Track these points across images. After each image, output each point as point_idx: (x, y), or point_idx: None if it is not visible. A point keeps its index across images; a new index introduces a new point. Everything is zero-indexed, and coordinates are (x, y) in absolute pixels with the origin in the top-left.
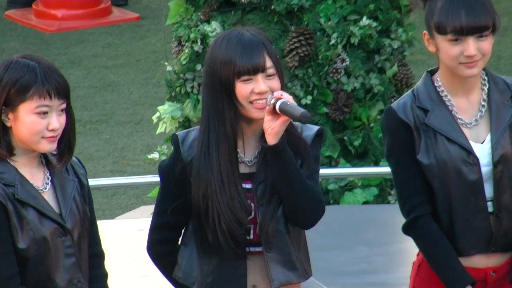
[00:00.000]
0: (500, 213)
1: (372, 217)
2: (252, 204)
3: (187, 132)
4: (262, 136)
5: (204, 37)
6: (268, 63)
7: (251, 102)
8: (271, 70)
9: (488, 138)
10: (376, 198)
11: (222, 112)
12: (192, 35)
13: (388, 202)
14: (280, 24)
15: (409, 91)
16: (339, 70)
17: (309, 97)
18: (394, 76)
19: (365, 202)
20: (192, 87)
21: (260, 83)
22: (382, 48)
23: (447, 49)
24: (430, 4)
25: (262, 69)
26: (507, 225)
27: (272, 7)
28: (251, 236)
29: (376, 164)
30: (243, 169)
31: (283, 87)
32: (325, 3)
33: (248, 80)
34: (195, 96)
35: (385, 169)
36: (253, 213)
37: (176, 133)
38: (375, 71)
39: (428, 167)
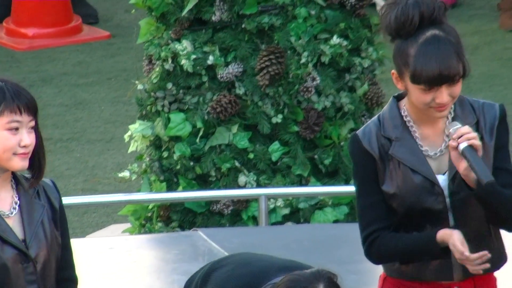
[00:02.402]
0: (467, 241)
1: (342, 236)
2: None
3: None
4: None
5: (175, 56)
6: None
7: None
8: None
9: None
10: (346, 217)
11: None
12: (163, 54)
13: None
14: (251, 42)
15: (375, 117)
16: (310, 89)
17: (280, 116)
18: (364, 95)
19: (336, 221)
20: (163, 106)
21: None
22: (353, 66)
23: (418, 96)
24: (401, 46)
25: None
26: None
27: (243, 26)
28: None
29: (347, 182)
30: None
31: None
32: (296, 21)
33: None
34: (166, 115)
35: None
36: None
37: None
38: (346, 90)
39: (393, 197)
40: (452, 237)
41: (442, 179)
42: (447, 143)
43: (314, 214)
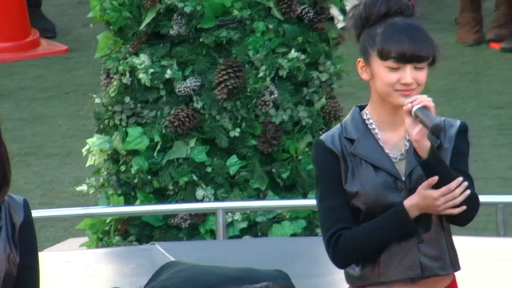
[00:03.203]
0: (421, 241)
1: (300, 249)
2: None
3: None
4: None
5: (133, 70)
6: None
7: None
8: None
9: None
10: (304, 230)
11: None
12: (121, 68)
13: (316, 234)
14: (208, 56)
15: (338, 124)
16: (268, 103)
17: (238, 130)
18: (322, 109)
19: (293, 234)
20: (121, 120)
21: None
22: (311, 80)
23: (384, 75)
24: (369, 31)
25: None
26: (423, 255)
27: (201, 40)
28: None
29: (304, 196)
30: None
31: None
32: (254, 35)
33: None
34: (124, 129)
35: (313, 202)
36: None
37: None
38: (304, 104)
39: (356, 195)
40: (421, 186)
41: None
42: (407, 147)
43: (272, 227)
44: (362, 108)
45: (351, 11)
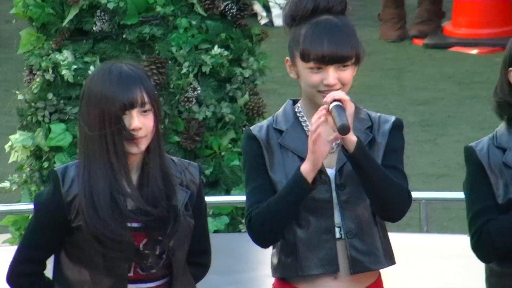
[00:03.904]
0: (351, 236)
1: (223, 246)
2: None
3: (65, 167)
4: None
5: (56, 66)
6: (145, 98)
7: None
8: (147, 106)
9: None
10: (227, 227)
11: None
12: (43, 64)
13: (240, 231)
14: (132, 53)
15: (271, 116)
16: (191, 99)
17: (161, 126)
18: (245, 105)
19: (216, 231)
20: (44, 116)
21: (135, 119)
22: (234, 77)
23: (307, 76)
24: (295, 30)
25: (138, 105)
26: (354, 250)
27: (124, 36)
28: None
29: (228, 192)
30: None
31: (159, 123)
32: (177, 32)
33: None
34: (47, 125)
35: (236, 198)
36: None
37: (55, 169)
38: (227, 100)
39: (278, 184)
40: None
41: (330, 172)
42: (339, 140)
43: None
44: (295, 102)
45: (283, 10)
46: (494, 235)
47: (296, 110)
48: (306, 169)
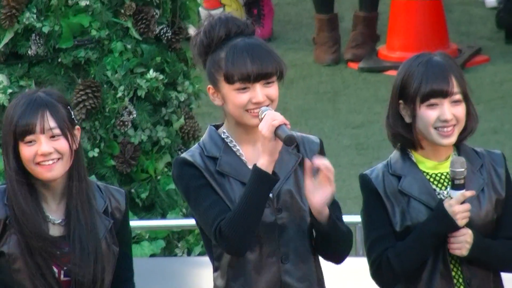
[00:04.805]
0: (287, 261)
1: (159, 270)
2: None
3: None
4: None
5: None
6: (51, 123)
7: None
8: (56, 131)
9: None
10: (163, 251)
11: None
12: None
13: (176, 255)
14: (67, 76)
15: (196, 144)
16: (126, 123)
17: (96, 150)
18: (181, 129)
19: (153, 255)
20: None
21: (43, 144)
22: (169, 100)
23: (234, 98)
24: (213, 56)
25: (43, 130)
26: (288, 275)
27: (59, 60)
28: None
29: (163, 216)
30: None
31: (77, 148)
32: (112, 55)
33: (31, 141)
34: None
35: (172, 222)
36: None
37: None
38: (162, 124)
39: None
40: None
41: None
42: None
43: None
44: (217, 127)
45: (193, 40)
46: (393, 262)
47: (223, 136)
48: (265, 163)
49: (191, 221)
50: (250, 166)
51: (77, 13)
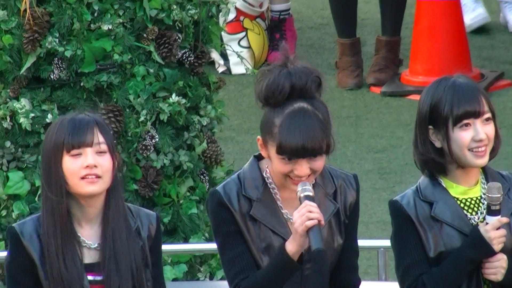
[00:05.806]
0: None
1: None
2: None
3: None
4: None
5: (13, 114)
6: (100, 138)
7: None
8: (102, 146)
9: None
10: (185, 275)
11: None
12: (1, 112)
13: (198, 279)
14: (89, 100)
15: (234, 175)
16: (148, 147)
17: (119, 174)
18: (203, 153)
19: (175, 279)
20: (1, 164)
21: (89, 156)
22: (192, 125)
23: (278, 164)
24: (267, 114)
25: (92, 144)
26: None
27: (81, 84)
28: None
29: (186, 240)
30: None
31: (118, 169)
32: (134, 79)
33: (77, 155)
34: (4, 173)
35: (195, 246)
36: None
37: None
38: (184, 148)
39: (254, 255)
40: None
41: None
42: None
43: None
44: (259, 158)
45: (257, 79)
46: None
47: (264, 175)
48: (293, 250)
49: (214, 245)
50: (285, 211)
51: (100, 37)
